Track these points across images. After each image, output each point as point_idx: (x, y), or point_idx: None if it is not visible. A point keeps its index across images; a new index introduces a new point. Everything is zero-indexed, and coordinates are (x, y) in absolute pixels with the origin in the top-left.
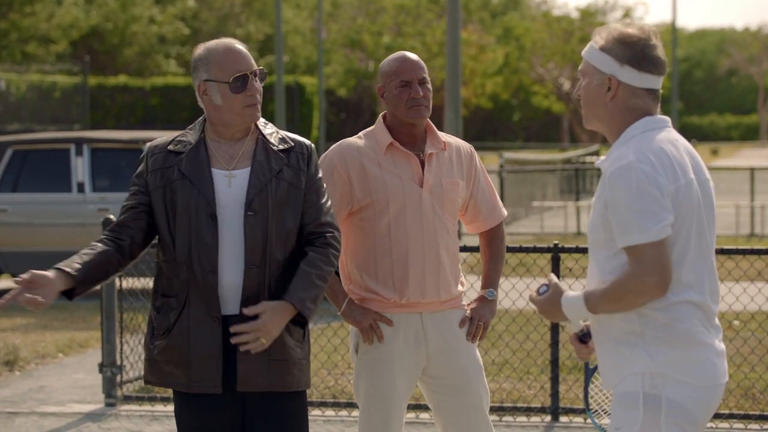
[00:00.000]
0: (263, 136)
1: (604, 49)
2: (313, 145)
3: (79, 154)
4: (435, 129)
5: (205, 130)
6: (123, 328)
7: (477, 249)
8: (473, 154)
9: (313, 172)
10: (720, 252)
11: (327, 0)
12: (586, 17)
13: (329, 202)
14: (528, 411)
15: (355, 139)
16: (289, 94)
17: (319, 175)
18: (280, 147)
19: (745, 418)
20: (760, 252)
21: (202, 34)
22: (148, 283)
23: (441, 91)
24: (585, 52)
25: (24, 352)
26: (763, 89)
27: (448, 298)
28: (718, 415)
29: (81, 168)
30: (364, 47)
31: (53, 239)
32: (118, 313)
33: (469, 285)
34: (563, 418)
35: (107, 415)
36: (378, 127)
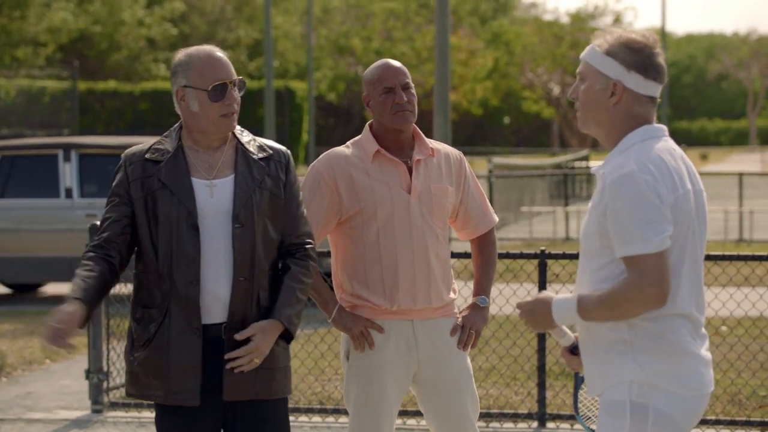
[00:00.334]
0: (242, 144)
1: (609, 53)
2: (289, 152)
3: (67, 159)
4: (423, 136)
5: (182, 138)
6: (110, 334)
7: (464, 255)
8: (462, 160)
9: (292, 180)
10: (706, 258)
11: (317, 5)
12: (576, 22)
13: (305, 211)
14: (515, 417)
15: (342, 149)
16: (279, 99)
17: (297, 183)
18: (260, 155)
19: (732, 424)
20: (745, 258)
21: (192, 39)
22: None
23: (430, 97)
24: (587, 55)
25: (11, 358)
26: (752, 94)
27: (440, 305)
28: (704, 421)
29: (69, 174)
30: (353, 52)
31: (41, 245)
32: (105, 320)
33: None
34: (550, 424)
35: (94, 422)
36: (365, 136)
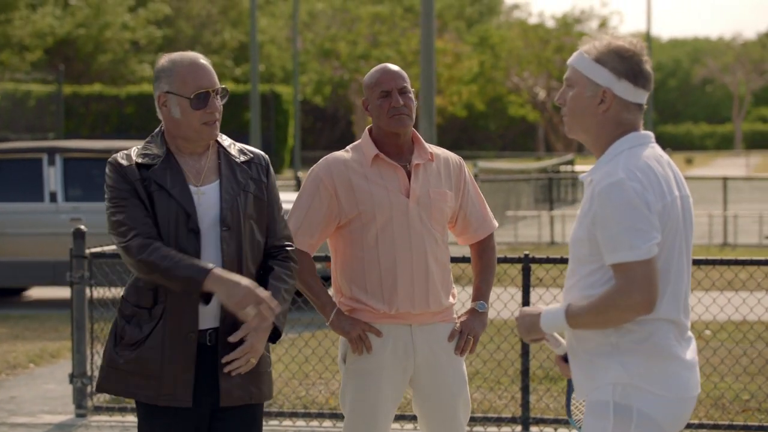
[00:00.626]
0: (224, 148)
1: (599, 60)
2: (267, 156)
3: (51, 163)
4: (422, 140)
5: (167, 143)
6: (94, 338)
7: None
8: (462, 165)
9: (272, 183)
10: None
11: (303, 9)
12: (562, 26)
13: (284, 214)
14: (498, 421)
15: (342, 153)
16: (265, 103)
17: (276, 186)
18: (242, 159)
19: (715, 428)
20: (729, 262)
21: (178, 43)
22: (119, 293)
23: (416, 100)
24: (575, 62)
25: None
26: (737, 98)
27: (439, 310)
28: (687, 425)
29: (53, 177)
30: (339, 56)
31: (25, 249)
32: (89, 324)
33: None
34: (534, 428)
35: (78, 426)
36: (364, 140)
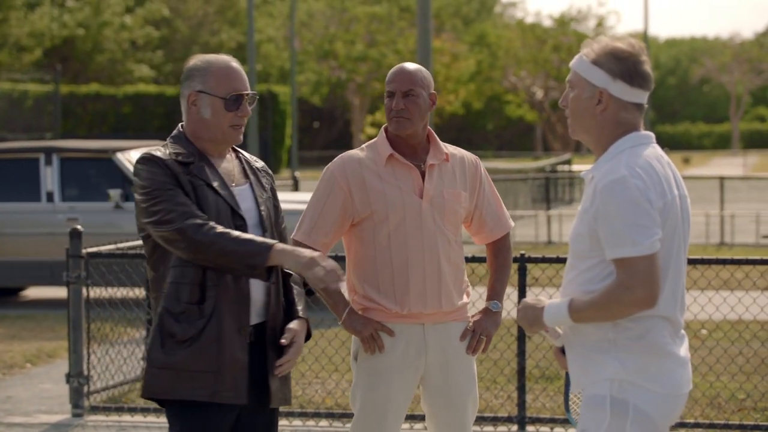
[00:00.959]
0: (241, 154)
1: (596, 62)
2: None
3: (48, 163)
4: (438, 140)
5: (193, 144)
6: (90, 338)
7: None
8: (478, 165)
9: (276, 189)
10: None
11: (300, 9)
12: (560, 26)
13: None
14: (495, 420)
15: (357, 151)
16: (262, 102)
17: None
18: (256, 165)
19: (711, 427)
20: (725, 262)
21: (175, 42)
22: (116, 292)
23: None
24: (575, 64)
25: None
26: (735, 98)
27: (451, 309)
28: (683, 425)
29: (50, 177)
30: (336, 56)
31: (22, 249)
32: (86, 323)
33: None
34: (530, 428)
35: (74, 426)
36: (380, 139)
